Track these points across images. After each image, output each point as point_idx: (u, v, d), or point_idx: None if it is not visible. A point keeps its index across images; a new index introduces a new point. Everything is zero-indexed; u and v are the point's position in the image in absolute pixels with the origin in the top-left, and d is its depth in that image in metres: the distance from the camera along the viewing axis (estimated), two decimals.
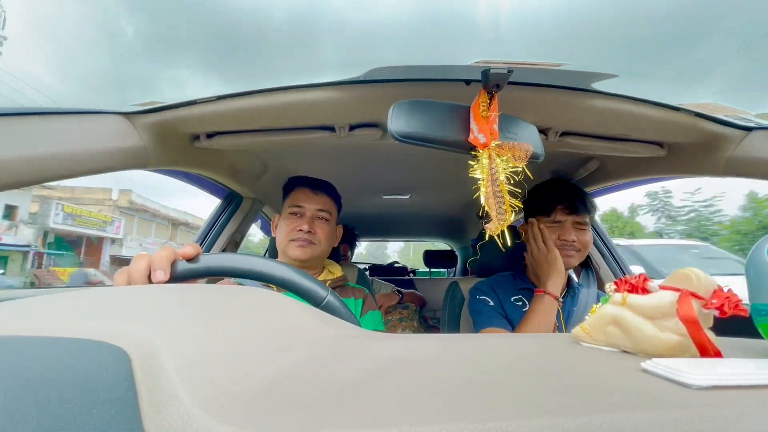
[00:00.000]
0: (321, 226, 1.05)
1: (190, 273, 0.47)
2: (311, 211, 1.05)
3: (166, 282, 0.46)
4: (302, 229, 1.01)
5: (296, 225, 1.02)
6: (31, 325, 0.24)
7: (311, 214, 1.05)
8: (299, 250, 1.01)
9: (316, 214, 1.05)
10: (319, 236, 1.04)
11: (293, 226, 1.02)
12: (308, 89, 0.76)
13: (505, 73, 0.61)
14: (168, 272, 0.46)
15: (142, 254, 0.48)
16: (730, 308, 0.31)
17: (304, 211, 1.04)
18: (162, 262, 0.46)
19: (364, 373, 0.25)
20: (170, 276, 0.46)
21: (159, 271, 0.45)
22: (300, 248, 1.01)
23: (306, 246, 1.02)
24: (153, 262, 0.46)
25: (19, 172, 0.62)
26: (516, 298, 1.10)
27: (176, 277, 0.47)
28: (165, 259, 0.47)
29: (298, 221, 1.03)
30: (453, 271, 3.27)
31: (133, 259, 0.48)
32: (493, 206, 0.61)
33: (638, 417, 0.20)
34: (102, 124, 0.74)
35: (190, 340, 0.25)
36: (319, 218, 1.05)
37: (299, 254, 1.01)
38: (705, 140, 0.88)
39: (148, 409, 0.19)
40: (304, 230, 1.01)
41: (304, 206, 1.04)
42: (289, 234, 1.02)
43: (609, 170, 1.24)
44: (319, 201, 1.06)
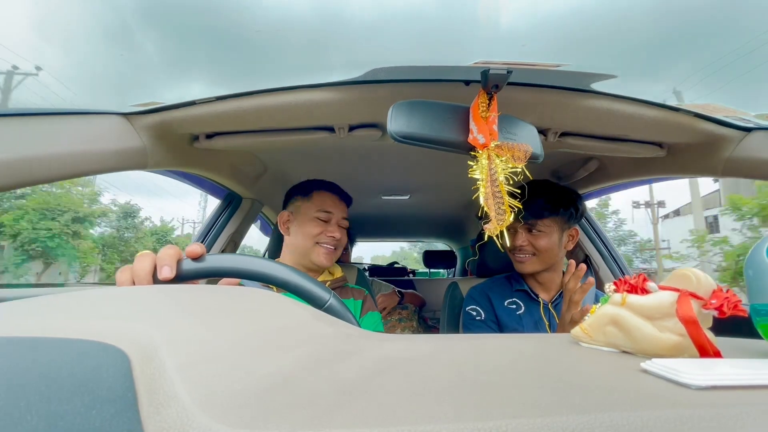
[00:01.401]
0: (342, 233, 1.09)
1: (195, 272, 0.47)
2: (338, 218, 1.08)
3: (172, 280, 0.45)
4: (334, 235, 1.04)
5: (325, 230, 1.04)
6: (30, 325, 0.24)
7: (337, 221, 1.08)
8: (326, 256, 1.04)
9: (341, 222, 1.09)
10: (342, 242, 1.07)
11: (321, 230, 1.04)
12: (307, 90, 0.76)
13: (504, 74, 0.61)
14: (174, 269, 0.46)
15: (146, 252, 0.47)
16: (730, 308, 0.31)
17: (332, 218, 1.07)
18: (169, 260, 0.46)
19: (363, 373, 0.25)
20: (176, 273, 0.46)
21: (166, 268, 0.45)
22: (327, 254, 1.04)
23: (332, 252, 1.05)
24: (159, 259, 0.46)
25: (19, 173, 0.62)
26: (510, 301, 1.09)
27: (181, 276, 0.46)
28: (171, 257, 0.46)
29: (326, 226, 1.05)
30: (452, 272, 3.27)
31: (136, 257, 0.47)
32: (493, 207, 0.61)
33: (637, 416, 0.20)
34: (101, 124, 0.74)
35: (190, 341, 0.25)
36: (341, 226, 1.09)
37: (326, 260, 1.04)
38: (704, 140, 0.88)
39: (147, 410, 0.19)
40: (336, 236, 1.04)
41: (333, 213, 1.07)
42: (316, 236, 1.04)
43: (608, 170, 1.24)
44: (344, 209, 1.11)
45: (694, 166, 0.96)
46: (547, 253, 1.05)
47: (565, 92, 0.77)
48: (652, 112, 0.81)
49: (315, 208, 1.06)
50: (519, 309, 1.07)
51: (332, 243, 1.04)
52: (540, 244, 1.04)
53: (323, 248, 1.03)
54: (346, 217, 1.10)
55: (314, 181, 1.13)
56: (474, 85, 0.73)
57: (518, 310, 1.07)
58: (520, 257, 1.06)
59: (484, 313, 1.08)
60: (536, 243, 1.04)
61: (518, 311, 1.07)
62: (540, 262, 1.06)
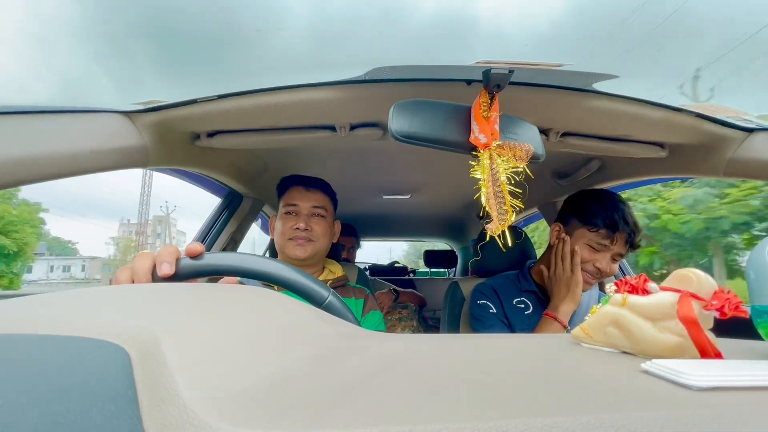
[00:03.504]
0: (318, 223, 1.05)
1: (194, 270, 0.47)
2: (307, 208, 1.05)
3: (171, 277, 0.46)
4: (299, 227, 1.01)
5: (293, 223, 1.02)
6: (31, 323, 0.24)
7: (307, 212, 1.05)
8: (299, 248, 1.01)
9: (312, 212, 1.05)
10: (317, 232, 1.03)
11: (289, 225, 1.02)
12: (309, 89, 0.76)
13: (506, 74, 0.61)
14: (174, 266, 0.46)
15: (146, 252, 0.48)
16: (731, 309, 0.31)
17: (299, 210, 1.04)
18: (168, 257, 0.46)
19: (363, 373, 0.25)
20: (175, 271, 0.46)
21: (165, 264, 0.45)
22: (299, 247, 1.01)
23: (305, 244, 1.02)
24: (158, 256, 0.46)
25: (20, 172, 0.62)
26: (518, 300, 1.08)
27: (180, 275, 0.47)
28: (171, 254, 0.47)
29: (294, 219, 1.03)
30: (453, 272, 3.27)
31: (136, 256, 0.48)
32: (494, 206, 0.61)
33: (638, 417, 0.20)
34: (103, 122, 0.74)
35: (191, 339, 0.25)
36: (315, 215, 1.05)
37: (299, 253, 1.01)
38: (706, 141, 0.88)
39: (148, 408, 0.19)
40: (301, 228, 1.01)
41: (299, 204, 1.05)
42: (286, 233, 1.02)
43: (610, 171, 1.23)
44: (314, 198, 1.06)
45: (696, 167, 0.96)
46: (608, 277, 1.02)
47: (566, 92, 0.76)
48: (654, 113, 0.81)
49: (283, 203, 1.06)
50: (527, 309, 1.06)
51: (300, 235, 1.01)
52: (614, 272, 1.00)
53: (294, 242, 1.01)
54: (318, 206, 1.05)
55: (287, 176, 1.11)
56: (475, 84, 0.72)
57: (526, 309, 1.06)
58: (590, 280, 1.00)
59: (495, 308, 1.07)
60: (613, 270, 0.99)
61: (527, 311, 1.06)
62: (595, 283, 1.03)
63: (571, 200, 1.08)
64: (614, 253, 0.98)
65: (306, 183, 1.08)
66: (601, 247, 0.97)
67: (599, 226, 0.96)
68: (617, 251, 0.97)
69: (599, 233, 0.96)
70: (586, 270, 0.99)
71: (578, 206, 1.03)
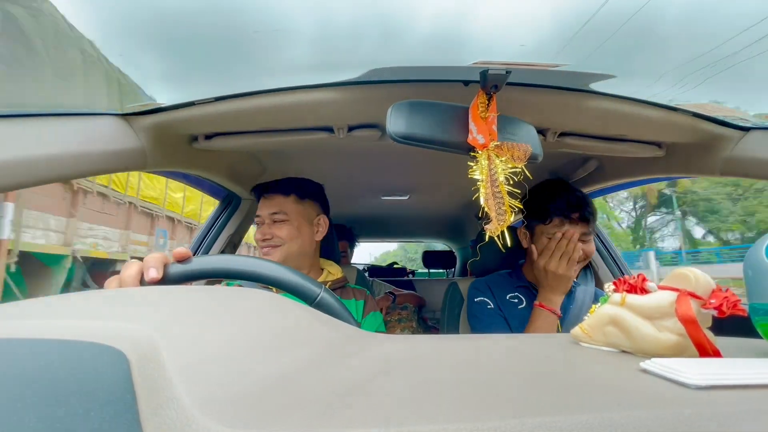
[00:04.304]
0: (279, 228, 1.03)
1: (182, 274, 0.47)
2: (267, 216, 1.04)
3: (158, 283, 0.46)
4: (259, 237, 1.03)
5: (259, 234, 1.03)
6: (28, 327, 0.24)
7: (268, 220, 1.04)
8: (266, 257, 1.01)
9: (272, 218, 1.04)
10: (280, 237, 1.02)
11: (258, 236, 1.04)
12: (306, 90, 0.76)
13: (503, 74, 0.61)
14: (161, 270, 0.46)
15: (133, 261, 0.48)
16: (729, 308, 0.31)
17: (262, 219, 1.05)
18: (154, 262, 0.47)
19: (363, 374, 0.25)
20: (162, 276, 0.46)
21: (151, 269, 0.46)
22: (266, 256, 1.01)
23: (271, 251, 1.01)
24: (145, 262, 0.47)
25: (17, 174, 0.61)
26: (512, 295, 1.09)
27: (168, 279, 0.47)
28: (157, 260, 0.47)
29: (259, 230, 1.04)
30: (452, 272, 3.27)
31: (124, 266, 0.48)
32: (493, 207, 0.61)
33: (637, 416, 0.20)
34: (100, 125, 0.74)
35: (189, 342, 0.25)
36: (275, 222, 1.04)
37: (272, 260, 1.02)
38: (703, 140, 0.88)
39: (146, 411, 0.19)
40: (259, 238, 1.03)
41: (261, 214, 1.05)
42: (258, 243, 1.04)
43: (607, 170, 1.24)
44: (271, 204, 1.05)
45: (693, 166, 0.96)
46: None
47: (563, 92, 0.77)
48: (650, 112, 0.81)
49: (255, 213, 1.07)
50: (521, 303, 1.07)
51: (265, 244, 1.02)
52: (591, 251, 1.01)
53: (262, 251, 1.03)
54: (277, 211, 1.03)
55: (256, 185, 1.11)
56: (473, 85, 0.73)
57: (520, 304, 1.07)
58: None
59: (491, 303, 1.08)
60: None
61: (520, 305, 1.07)
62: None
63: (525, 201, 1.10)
64: (578, 234, 0.99)
65: (264, 190, 1.07)
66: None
67: (550, 216, 1.00)
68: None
69: (553, 223, 1.00)
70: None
71: (529, 206, 1.05)
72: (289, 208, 1.05)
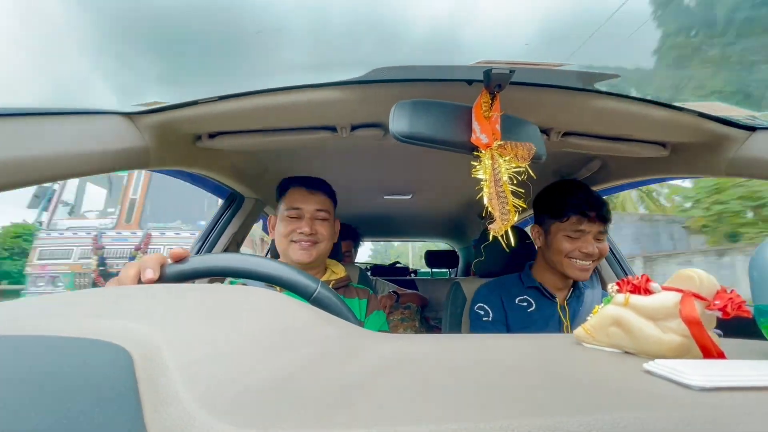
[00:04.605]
0: (322, 225, 1.04)
1: (179, 274, 0.48)
2: (310, 212, 1.04)
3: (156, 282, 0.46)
4: (303, 231, 1.01)
5: (296, 227, 1.02)
6: (34, 324, 0.24)
7: (311, 215, 1.04)
8: (303, 253, 1.01)
9: (315, 215, 1.05)
10: (322, 235, 1.03)
11: (292, 228, 1.02)
12: (310, 89, 0.76)
13: (507, 74, 0.61)
14: (157, 271, 0.47)
15: (132, 263, 0.49)
16: (733, 309, 0.31)
17: (302, 213, 1.04)
18: (151, 263, 0.47)
19: (364, 373, 0.25)
20: (159, 276, 0.47)
21: (148, 270, 0.46)
22: (303, 251, 1.01)
23: (309, 248, 1.01)
24: (142, 263, 0.48)
25: (22, 173, 0.62)
26: (521, 299, 1.08)
27: (166, 278, 0.47)
28: (154, 261, 0.48)
29: (297, 223, 1.02)
30: (455, 272, 3.26)
31: (123, 268, 0.49)
32: (497, 207, 0.61)
33: (640, 417, 0.20)
34: (104, 124, 0.74)
35: (192, 340, 0.25)
36: (318, 218, 1.05)
37: (303, 257, 1.01)
38: (708, 140, 0.88)
39: (149, 408, 0.19)
40: (305, 232, 1.01)
41: (302, 207, 1.04)
42: (289, 235, 1.02)
43: (611, 170, 1.23)
44: (317, 200, 1.06)
45: (698, 166, 0.95)
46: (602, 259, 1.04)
47: (567, 92, 0.76)
48: (655, 112, 0.81)
49: (286, 206, 1.05)
50: (530, 306, 1.06)
51: (304, 239, 1.01)
52: (605, 250, 1.01)
53: (297, 245, 1.01)
54: (321, 209, 1.05)
55: (288, 178, 1.11)
56: (476, 84, 0.72)
57: (529, 307, 1.06)
58: (584, 265, 1.01)
59: (493, 313, 1.07)
60: (603, 249, 1.01)
61: (529, 309, 1.06)
62: (593, 268, 1.03)
63: (537, 201, 1.11)
64: (594, 233, 1.01)
65: (308, 185, 1.07)
66: (578, 233, 1.01)
67: (568, 215, 1.00)
68: (596, 230, 1.00)
69: (571, 221, 1.00)
70: (575, 257, 1.01)
71: (545, 204, 1.07)
72: (329, 207, 1.08)
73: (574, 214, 1.00)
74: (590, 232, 1.00)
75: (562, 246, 1.01)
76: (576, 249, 1.00)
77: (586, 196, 1.01)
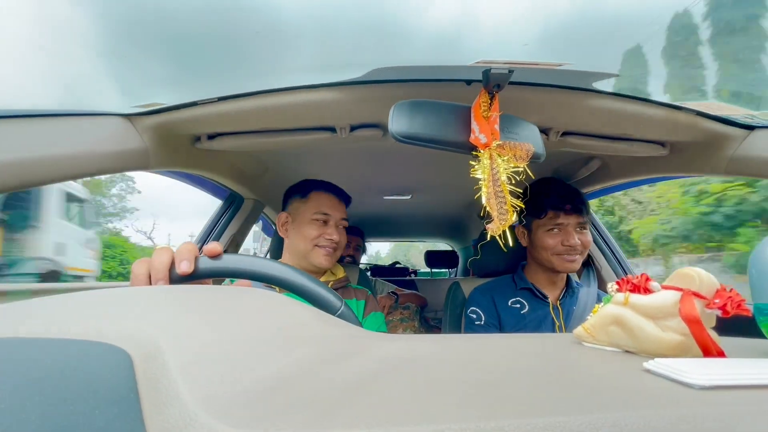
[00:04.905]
0: (342, 233, 1.08)
1: (212, 271, 0.47)
2: (336, 219, 1.07)
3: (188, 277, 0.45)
4: (332, 238, 1.03)
5: (323, 232, 1.03)
6: (34, 326, 0.24)
7: (335, 222, 1.07)
8: (326, 258, 1.03)
9: (340, 223, 1.08)
10: (341, 242, 1.07)
11: (320, 233, 1.03)
12: (309, 90, 0.76)
13: (506, 73, 0.61)
14: (193, 264, 0.45)
15: (165, 247, 0.47)
16: (733, 308, 0.31)
17: (330, 219, 1.06)
18: (188, 254, 0.46)
19: (364, 373, 0.25)
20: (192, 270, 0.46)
21: (185, 262, 0.45)
22: (326, 256, 1.03)
23: (332, 254, 1.04)
24: (178, 253, 0.46)
25: (21, 174, 0.62)
26: (514, 300, 1.09)
27: (198, 273, 0.46)
28: (190, 252, 0.46)
29: (324, 228, 1.04)
30: (455, 272, 3.27)
31: (155, 251, 0.47)
32: (495, 206, 0.61)
33: (641, 416, 0.20)
34: (103, 125, 0.74)
35: (192, 341, 0.25)
36: (340, 226, 1.08)
37: (325, 262, 1.03)
38: (707, 139, 0.88)
39: (149, 410, 0.19)
40: (334, 239, 1.04)
41: (331, 214, 1.06)
42: (315, 239, 1.03)
43: (611, 170, 1.23)
44: (343, 209, 1.10)
45: (697, 165, 0.96)
46: (587, 249, 1.05)
47: (566, 91, 0.76)
48: (654, 111, 0.81)
49: (312, 209, 1.05)
50: (523, 308, 1.07)
51: (331, 245, 1.04)
52: (588, 241, 1.03)
53: (323, 250, 1.03)
54: (345, 218, 1.10)
55: (312, 181, 1.12)
56: (475, 84, 0.72)
57: (522, 309, 1.07)
58: (571, 258, 1.03)
59: (486, 316, 1.07)
60: (585, 240, 1.03)
61: (522, 310, 1.06)
62: (581, 260, 1.05)
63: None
64: (573, 225, 1.02)
65: (337, 193, 1.11)
66: (558, 227, 1.03)
67: (544, 210, 1.03)
68: (575, 222, 1.02)
69: (549, 216, 1.03)
70: (560, 252, 1.03)
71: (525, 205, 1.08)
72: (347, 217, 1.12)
73: (551, 209, 1.02)
74: (569, 224, 1.02)
75: (545, 242, 1.03)
76: (558, 243, 1.02)
77: (559, 190, 1.04)
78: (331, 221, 1.06)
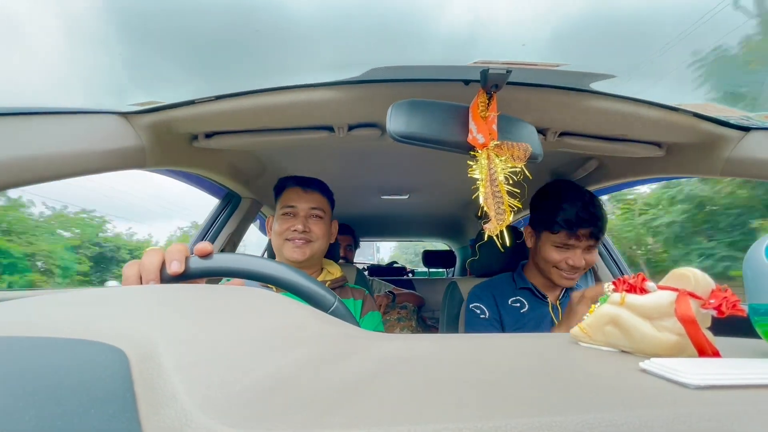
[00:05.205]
0: (316, 224, 1.04)
1: (203, 270, 0.47)
2: (304, 210, 1.04)
3: (178, 277, 0.45)
4: (297, 228, 1.01)
5: (290, 225, 1.01)
6: (29, 325, 0.24)
7: (305, 213, 1.04)
8: (297, 250, 1.01)
9: (310, 213, 1.05)
10: (315, 233, 1.03)
11: (287, 226, 1.02)
12: (307, 89, 0.76)
13: (503, 74, 0.61)
14: (183, 264, 0.45)
15: (155, 248, 0.47)
16: (728, 308, 0.31)
17: (297, 211, 1.04)
18: (178, 255, 0.46)
19: (363, 373, 0.25)
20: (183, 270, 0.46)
21: (175, 262, 0.45)
22: (297, 249, 1.01)
23: (303, 246, 1.01)
24: (168, 254, 0.46)
25: (17, 173, 0.61)
26: (514, 300, 1.08)
27: (189, 273, 0.46)
28: (181, 252, 0.46)
29: (291, 221, 1.02)
30: (452, 272, 3.27)
31: (145, 252, 0.47)
32: (492, 206, 0.61)
33: (636, 415, 0.20)
34: (100, 124, 0.74)
35: (189, 341, 0.25)
36: (313, 216, 1.05)
37: (297, 255, 1.01)
38: (703, 140, 0.88)
39: (146, 410, 0.19)
40: (299, 230, 1.01)
41: (297, 206, 1.04)
42: (283, 233, 1.02)
43: (608, 170, 1.24)
44: (312, 199, 1.06)
45: (693, 166, 0.96)
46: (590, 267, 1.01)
47: (564, 92, 0.77)
48: (651, 112, 0.81)
49: (281, 204, 1.05)
50: (523, 307, 1.06)
51: (298, 237, 1.01)
52: (593, 261, 0.99)
53: (291, 243, 1.01)
54: (315, 207, 1.05)
55: (284, 177, 1.11)
56: (473, 84, 0.73)
57: (522, 308, 1.06)
58: (570, 276, 0.99)
59: (489, 312, 1.07)
60: (590, 260, 0.98)
61: (522, 309, 1.06)
62: (579, 276, 1.02)
63: (534, 200, 1.07)
64: (583, 248, 0.97)
65: (303, 183, 1.07)
66: (567, 246, 0.97)
67: (559, 228, 0.95)
68: (585, 245, 0.97)
69: (561, 235, 0.96)
70: (561, 268, 0.99)
71: (539, 208, 1.03)
72: (325, 206, 1.08)
73: (566, 229, 0.95)
74: (579, 247, 0.97)
75: (549, 256, 0.99)
76: (563, 260, 0.98)
77: (580, 210, 0.94)
78: (300, 213, 1.03)
